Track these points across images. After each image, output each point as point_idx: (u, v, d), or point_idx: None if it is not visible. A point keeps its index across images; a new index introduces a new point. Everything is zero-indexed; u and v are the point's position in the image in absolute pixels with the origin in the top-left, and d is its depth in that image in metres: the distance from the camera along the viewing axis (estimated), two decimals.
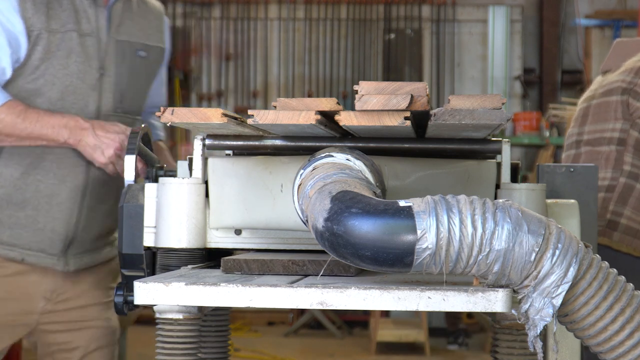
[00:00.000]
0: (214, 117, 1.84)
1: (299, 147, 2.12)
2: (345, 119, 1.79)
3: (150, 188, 2.14)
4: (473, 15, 10.04)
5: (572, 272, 1.59)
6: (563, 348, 2.20)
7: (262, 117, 1.81)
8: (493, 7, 9.88)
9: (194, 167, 2.11)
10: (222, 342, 2.30)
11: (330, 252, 1.61)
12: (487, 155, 2.15)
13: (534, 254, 1.57)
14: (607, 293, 1.63)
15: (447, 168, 2.10)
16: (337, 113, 1.80)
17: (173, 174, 2.24)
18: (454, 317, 8.05)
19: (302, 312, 8.85)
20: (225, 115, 1.84)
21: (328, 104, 1.84)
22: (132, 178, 2.33)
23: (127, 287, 2.13)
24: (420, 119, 1.93)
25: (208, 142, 2.14)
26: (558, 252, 1.58)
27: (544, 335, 1.84)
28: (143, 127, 2.48)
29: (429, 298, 1.60)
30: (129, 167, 2.35)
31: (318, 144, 2.07)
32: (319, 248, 1.67)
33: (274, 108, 1.86)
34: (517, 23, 9.99)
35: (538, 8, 10.09)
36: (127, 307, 2.14)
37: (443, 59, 10.00)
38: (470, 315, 8.21)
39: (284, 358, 7.71)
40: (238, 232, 2.12)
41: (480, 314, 7.88)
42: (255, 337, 8.70)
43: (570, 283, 1.59)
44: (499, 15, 9.88)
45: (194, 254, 2.09)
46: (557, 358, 2.19)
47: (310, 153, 1.89)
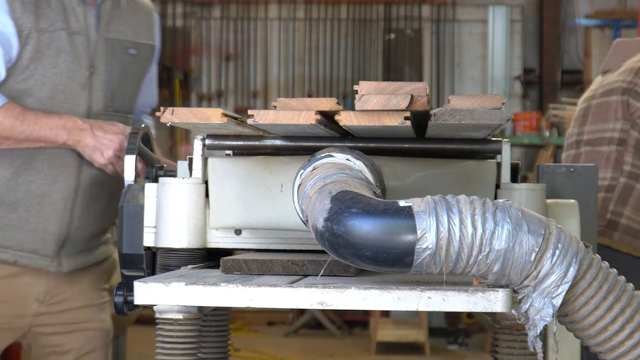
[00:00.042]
0: (214, 117, 1.84)
1: (299, 147, 2.11)
2: (345, 119, 1.79)
3: (150, 188, 2.13)
4: (473, 15, 10.04)
5: (572, 272, 1.59)
6: (563, 348, 2.20)
7: (262, 117, 1.81)
8: (493, 7, 9.88)
9: (194, 167, 2.11)
10: (222, 342, 2.30)
11: (330, 252, 1.61)
12: (487, 155, 2.14)
13: (534, 254, 1.57)
14: (607, 293, 1.63)
15: (447, 168, 2.10)
16: (337, 113, 1.80)
17: (173, 174, 2.24)
18: (454, 317, 8.05)
19: (302, 312, 8.85)
20: (225, 115, 1.84)
21: (328, 104, 1.84)
22: (132, 178, 2.33)
23: (127, 287, 2.12)
24: (420, 119, 1.93)
25: (208, 142, 2.13)
26: (558, 252, 1.58)
27: (544, 335, 1.84)
28: (143, 127, 2.47)
29: (429, 298, 1.60)
30: (129, 167, 2.34)
31: (318, 144, 2.07)
32: (319, 248, 1.67)
33: (274, 108, 1.86)
34: (517, 23, 9.99)
35: (538, 8, 10.09)
36: (127, 307, 2.13)
37: (443, 59, 10.00)
38: (470, 315, 8.21)
39: (284, 358, 7.71)
40: (238, 232, 2.12)
41: (480, 314, 7.89)
42: (255, 337, 8.70)
43: (570, 283, 1.59)
44: (499, 15, 9.88)
45: (194, 254, 2.09)
46: (557, 358, 2.19)
47: (310, 153, 1.89)
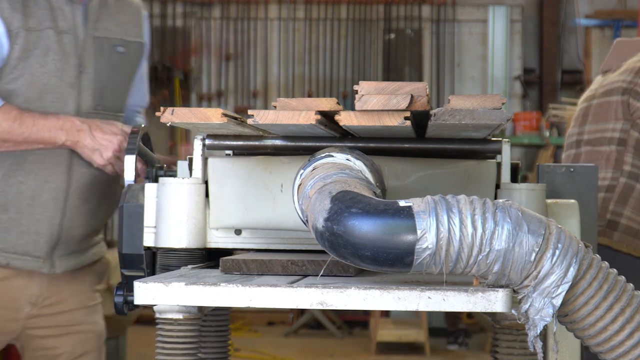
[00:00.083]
0: (214, 117, 1.84)
1: (299, 147, 2.11)
2: (345, 119, 1.79)
3: (150, 188, 2.13)
4: (473, 15, 10.04)
5: (572, 272, 1.59)
6: (563, 348, 2.20)
7: (262, 117, 1.81)
8: (493, 7, 9.88)
9: (194, 167, 2.11)
10: (222, 342, 2.30)
11: (330, 252, 1.61)
12: (487, 155, 2.14)
13: (534, 254, 1.57)
14: (607, 293, 1.62)
15: (447, 168, 2.10)
16: (337, 113, 1.80)
17: (173, 174, 2.24)
18: (454, 317, 8.05)
19: (302, 312, 8.85)
20: (225, 115, 1.84)
21: (328, 104, 1.84)
22: (132, 178, 2.33)
23: (127, 287, 2.12)
24: (420, 119, 1.93)
25: (208, 142, 2.13)
26: (558, 252, 1.58)
27: (544, 335, 1.84)
28: (143, 127, 2.47)
29: (429, 298, 1.60)
30: (129, 167, 2.34)
31: (318, 144, 2.07)
32: (319, 248, 1.67)
33: (274, 108, 1.86)
34: (517, 23, 9.99)
35: (538, 8, 10.09)
36: (127, 307, 2.13)
37: (443, 59, 10.00)
38: (470, 315, 8.21)
39: (284, 358, 7.71)
40: (238, 232, 2.12)
41: (480, 314, 7.89)
42: (255, 337, 8.70)
43: (570, 283, 1.59)
44: (499, 15, 9.88)
45: (194, 254, 2.09)
46: (557, 358, 2.19)
47: (310, 153, 1.89)
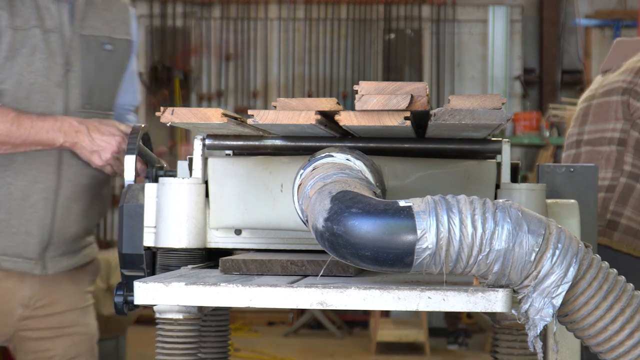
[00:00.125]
0: (214, 117, 1.84)
1: (299, 147, 2.11)
2: (345, 119, 1.79)
3: (150, 188, 2.13)
4: (473, 15, 10.04)
5: (572, 272, 1.58)
6: (563, 348, 2.20)
7: (262, 117, 1.81)
8: (493, 7, 9.89)
9: (194, 167, 2.11)
10: (222, 342, 2.30)
11: (330, 252, 1.61)
12: (487, 155, 2.14)
13: (534, 254, 1.57)
14: (607, 293, 1.62)
15: (447, 168, 2.10)
16: (337, 113, 1.79)
17: (173, 174, 2.24)
18: (454, 317, 8.05)
19: (302, 312, 8.85)
20: (225, 115, 1.84)
21: (328, 104, 1.84)
22: (132, 178, 2.33)
23: (127, 287, 2.12)
24: (420, 119, 1.93)
25: (208, 142, 2.13)
26: (558, 252, 1.58)
27: (544, 335, 1.84)
28: (143, 127, 2.46)
29: (429, 298, 1.60)
30: (129, 167, 2.34)
31: (318, 144, 2.06)
32: (319, 248, 1.66)
33: (274, 108, 1.85)
34: (517, 23, 9.99)
35: (538, 8, 10.09)
36: (127, 307, 2.13)
37: (443, 59, 10.00)
38: (470, 315, 8.21)
39: (284, 358, 7.71)
40: (238, 232, 2.12)
41: (479, 314, 7.90)
42: (255, 337, 8.70)
43: (570, 283, 1.59)
44: (499, 15, 9.88)
45: (194, 254, 2.09)
46: (557, 358, 2.19)
47: (310, 153, 1.89)
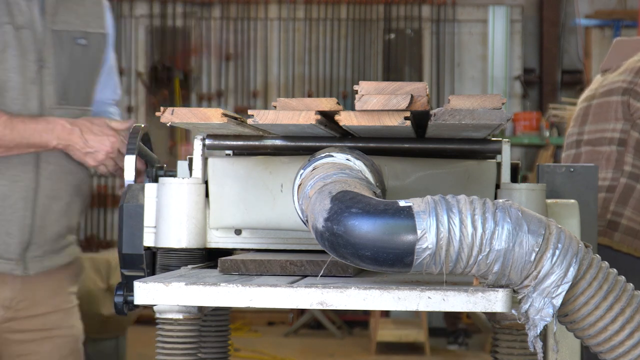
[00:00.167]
0: (214, 117, 1.84)
1: (299, 147, 2.11)
2: (345, 119, 1.79)
3: (150, 188, 2.13)
4: (473, 15, 10.04)
5: (572, 272, 1.58)
6: (563, 348, 2.19)
7: (262, 117, 1.81)
8: (493, 7, 9.89)
9: (194, 167, 2.11)
10: (222, 342, 2.30)
11: (330, 252, 1.61)
12: (487, 155, 2.14)
13: (534, 254, 1.57)
14: (607, 293, 1.62)
15: (447, 168, 2.10)
16: (337, 113, 1.79)
17: (173, 174, 2.24)
18: (454, 317, 8.05)
19: (302, 312, 8.85)
20: (225, 115, 1.84)
21: (328, 104, 1.84)
22: (132, 178, 2.33)
23: (127, 287, 2.12)
24: (420, 119, 1.93)
25: (208, 142, 2.13)
26: (558, 252, 1.58)
27: (544, 335, 1.84)
28: (143, 127, 2.46)
29: (429, 298, 1.60)
30: (129, 167, 2.34)
31: (318, 144, 2.06)
32: (319, 248, 1.66)
33: (274, 108, 1.85)
34: (517, 23, 9.99)
35: (538, 8, 10.09)
36: (127, 307, 2.13)
37: (443, 59, 10.00)
38: (469, 315, 8.21)
39: (284, 358, 7.71)
40: (238, 232, 2.12)
41: (477, 316, 7.91)
42: (255, 337, 8.70)
43: (570, 283, 1.59)
44: (499, 15, 9.88)
45: (194, 254, 2.09)
46: (557, 358, 2.19)
47: (310, 153, 1.89)
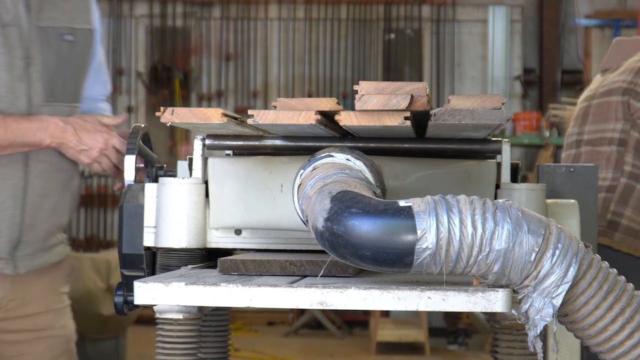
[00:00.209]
0: (214, 117, 1.84)
1: (299, 147, 2.11)
2: (345, 119, 1.79)
3: (150, 188, 2.13)
4: (473, 15, 10.04)
5: (572, 272, 1.58)
6: (563, 348, 2.20)
7: (262, 117, 1.81)
8: (493, 7, 9.89)
9: (194, 167, 2.11)
10: (222, 342, 2.30)
11: (330, 252, 1.61)
12: (487, 155, 2.14)
13: (534, 254, 1.57)
14: (607, 293, 1.62)
15: (447, 168, 2.10)
16: (337, 113, 1.79)
17: (173, 174, 2.24)
18: (454, 317, 8.05)
19: (302, 312, 8.85)
20: (225, 115, 1.84)
21: (328, 104, 1.84)
22: (132, 178, 2.32)
23: (127, 287, 2.12)
24: (420, 119, 1.93)
25: (208, 142, 2.13)
26: (558, 252, 1.58)
27: (544, 335, 1.84)
28: (143, 127, 2.46)
29: (429, 298, 1.60)
30: (129, 167, 2.34)
31: (318, 144, 2.06)
32: (319, 248, 1.66)
33: (274, 108, 1.85)
34: (517, 23, 9.99)
35: (538, 8, 10.09)
36: (127, 307, 2.13)
37: (443, 59, 10.00)
38: (469, 316, 8.21)
39: (284, 358, 7.71)
40: (238, 232, 2.12)
41: (475, 316, 7.91)
42: (255, 337, 8.70)
43: (570, 283, 1.59)
44: (499, 15, 9.88)
45: (194, 254, 2.09)
46: (557, 358, 2.19)
47: (310, 153, 1.89)
